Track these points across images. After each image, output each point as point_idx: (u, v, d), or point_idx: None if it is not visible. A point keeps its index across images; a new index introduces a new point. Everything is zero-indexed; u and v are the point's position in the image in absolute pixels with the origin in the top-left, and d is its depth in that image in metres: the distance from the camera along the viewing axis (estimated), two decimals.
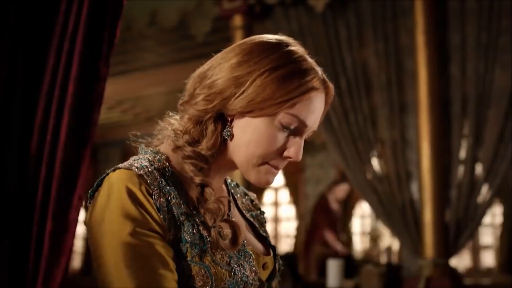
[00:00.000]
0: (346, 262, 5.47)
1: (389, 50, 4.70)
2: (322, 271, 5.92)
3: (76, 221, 1.94)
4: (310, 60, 1.21)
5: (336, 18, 4.90)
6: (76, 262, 10.66)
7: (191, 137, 1.20)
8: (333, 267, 4.88)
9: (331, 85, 1.24)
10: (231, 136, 1.20)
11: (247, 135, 1.18)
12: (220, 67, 1.19)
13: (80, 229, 10.43)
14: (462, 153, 4.36)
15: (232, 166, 1.25)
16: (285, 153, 1.20)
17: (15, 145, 1.94)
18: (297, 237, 9.57)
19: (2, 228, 1.89)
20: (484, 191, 4.28)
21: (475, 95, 4.31)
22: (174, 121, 1.25)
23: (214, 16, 5.49)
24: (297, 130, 1.20)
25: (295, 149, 1.20)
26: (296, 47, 1.21)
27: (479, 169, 4.32)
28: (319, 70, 1.22)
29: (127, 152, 10.51)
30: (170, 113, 1.27)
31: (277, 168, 1.21)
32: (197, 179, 1.18)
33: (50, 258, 1.88)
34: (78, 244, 10.59)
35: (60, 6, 1.96)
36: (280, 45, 1.20)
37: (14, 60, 1.97)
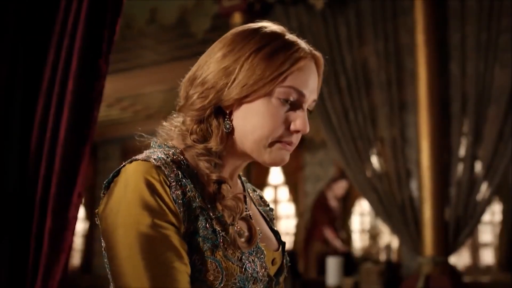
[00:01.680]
0: (345, 260, 5.48)
1: (389, 49, 4.71)
2: (321, 269, 5.93)
3: (75, 218, 1.94)
4: (291, 35, 1.24)
5: (336, 16, 4.90)
6: (76, 259, 10.66)
7: (198, 136, 1.21)
8: (333, 265, 4.89)
9: (318, 54, 1.25)
10: (231, 128, 1.21)
11: (250, 121, 1.19)
12: (207, 64, 1.21)
13: (80, 227, 10.45)
14: (462, 151, 4.37)
15: (246, 158, 1.25)
16: (292, 127, 1.20)
17: (15, 142, 1.94)
18: (296, 235, 9.58)
19: (2, 225, 1.90)
20: (484, 189, 4.28)
21: (475, 94, 4.32)
22: (178, 123, 1.26)
23: (213, 14, 5.49)
24: (297, 102, 1.21)
25: (300, 121, 1.20)
26: (276, 27, 1.24)
27: (478, 167, 4.33)
28: (302, 42, 1.24)
29: (127, 150, 10.54)
30: (174, 115, 1.28)
31: (290, 144, 1.22)
32: (214, 176, 1.18)
33: (50, 255, 1.88)
34: (78, 242, 10.60)
35: (60, 3, 1.97)
36: (259, 28, 1.22)
37: (14, 57, 1.97)
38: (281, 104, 1.19)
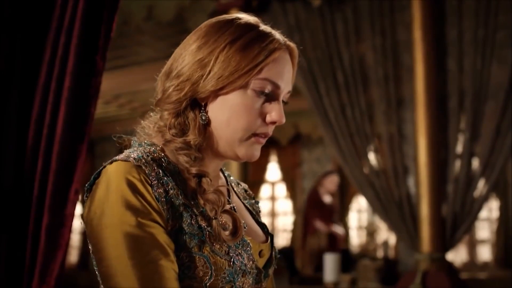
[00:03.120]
0: (343, 256, 5.48)
1: (386, 45, 4.70)
2: (319, 266, 5.94)
3: (72, 215, 1.94)
4: (265, 26, 1.24)
5: (334, 12, 4.90)
6: (73, 256, 10.67)
7: (176, 130, 1.22)
8: (330, 262, 4.89)
9: (292, 45, 1.25)
10: (207, 120, 1.21)
11: (226, 113, 1.20)
12: (182, 57, 1.22)
13: (77, 223, 10.45)
14: (459, 148, 4.37)
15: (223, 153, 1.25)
16: (268, 119, 1.21)
17: (12, 139, 1.94)
18: (294, 231, 9.59)
19: None
20: (481, 185, 4.29)
21: (472, 90, 4.32)
22: (156, 119, 1.26)
23: (211, 10, 5.48)
24: (272, 93, 1.21)
25: (276, 112, 1.20)
26: (250, 18, 1.24)
27: (475, 163, 4.33)
28: (277, 32, 1.23)
29: (124, 147, 10.47)
30: (152, 113, 1.28)
31: (265, 136, 1.22)
32: (193, 170, 1.18)
33: (47, 252, 1.88)
34: (75, 239, 10.60)
35: (57, 0, 1.96)
36: (233, 20, 1.22)
37: (11, 54, 1.97)
38: (256, 96, 1.19)
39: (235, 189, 1.40)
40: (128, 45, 6.90)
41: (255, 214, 1.40)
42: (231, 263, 1.15)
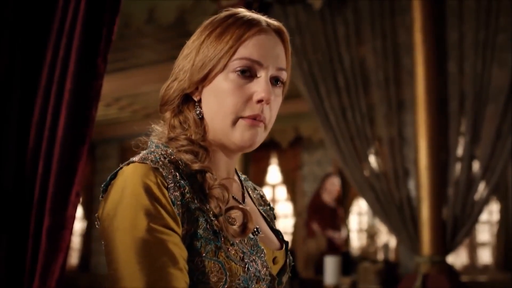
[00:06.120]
0: (343, 259, 5.48)
1: (387, 48, 4.71)
2: (320, 268, 5.94)
3: (73, 217, 1.94)
4: (248, 12, 1.26)
5: (334, 15, 4.90)
6: (74, 258, 10.67)
7: (178, 128, 1.24)
8: (331, 264, 4.89)
9: (277, 23, 1.26)
10: (202, 114, 1.23)
11: (214, 102, 1.21)
12: (177, 64, 1.26)
13: (78, 226, 10.45)
14: (460, 151, 4.37)
15: (225, 146, 1.25)
16: (254, 97, 1.19)
17: (13, 141, 1.94)
18: (294, 234, 9.59)
19: (0, 224, 1.90)
20: (481, 188, 4.28)
21: (473, 93, 4.32)
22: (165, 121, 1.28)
23: (212, 13, 5.49)
24: (254, 71, 1.20)
25: (261, 88, 1.19)
26: (233, 10, 1.26)
27: (476, 166, 4.33)
28: (257, 15, 1.25)
29: (125, 149, 10.54)
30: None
31: (257, 118, 1.20)
32: (196, 166, 1.17)
33: (48, 254, 1.88)
34: (76, 241, 10.60)
35: (58, 2, 1.97)
36: (216, 17, 1.26)
37: (12, 56, 1.97)
38: (238, 77, 1.19)
39: (250, 194, 1.39)
40: (129, 48, 6.91)
41: (270, 221, 1.38)
42: (246, 269, 1.14)
